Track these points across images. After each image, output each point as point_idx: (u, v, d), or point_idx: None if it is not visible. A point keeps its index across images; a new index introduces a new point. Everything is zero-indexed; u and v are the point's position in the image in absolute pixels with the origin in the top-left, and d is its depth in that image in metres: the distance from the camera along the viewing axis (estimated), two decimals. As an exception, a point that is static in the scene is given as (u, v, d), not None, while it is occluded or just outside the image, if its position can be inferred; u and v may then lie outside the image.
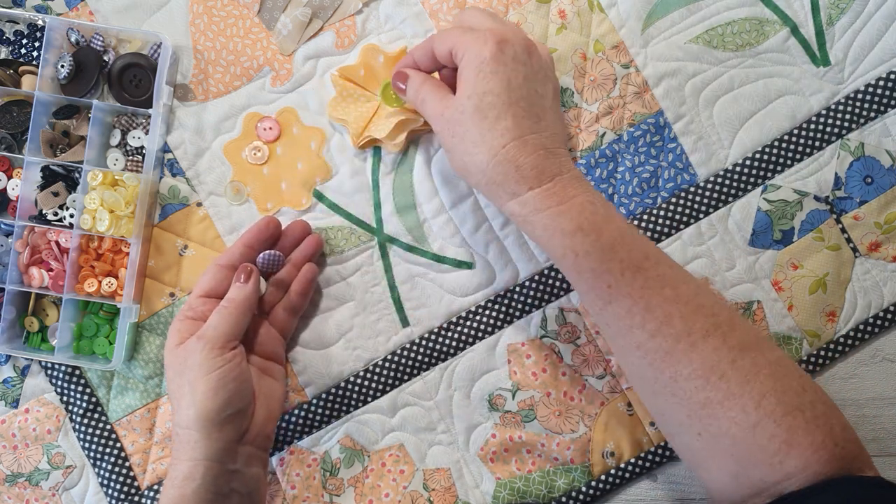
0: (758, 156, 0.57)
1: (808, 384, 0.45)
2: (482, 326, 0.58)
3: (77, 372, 0.59)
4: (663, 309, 0.45)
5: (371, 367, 0.58)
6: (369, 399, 0.58)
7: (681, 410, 0.45)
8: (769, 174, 0.57)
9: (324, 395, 0.58)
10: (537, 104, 0.48)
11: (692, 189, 0.57)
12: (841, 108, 0.57)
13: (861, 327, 0.57)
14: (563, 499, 0.57)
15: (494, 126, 0.46)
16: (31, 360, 0.59)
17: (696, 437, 0.45)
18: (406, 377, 0.58)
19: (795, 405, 0.43)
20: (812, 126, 0.57)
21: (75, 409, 0.59)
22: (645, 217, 0.57)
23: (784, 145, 0.57)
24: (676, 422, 0.46)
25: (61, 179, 0.58)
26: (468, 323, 0.58)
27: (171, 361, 0.51)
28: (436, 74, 0.53)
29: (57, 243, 0.57)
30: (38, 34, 0.59)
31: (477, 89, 0.46)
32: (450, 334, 0.58)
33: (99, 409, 0.59)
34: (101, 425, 0.59)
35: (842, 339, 0.57)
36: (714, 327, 0.45)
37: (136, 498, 0.58)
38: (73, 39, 0.58)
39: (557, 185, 0.46)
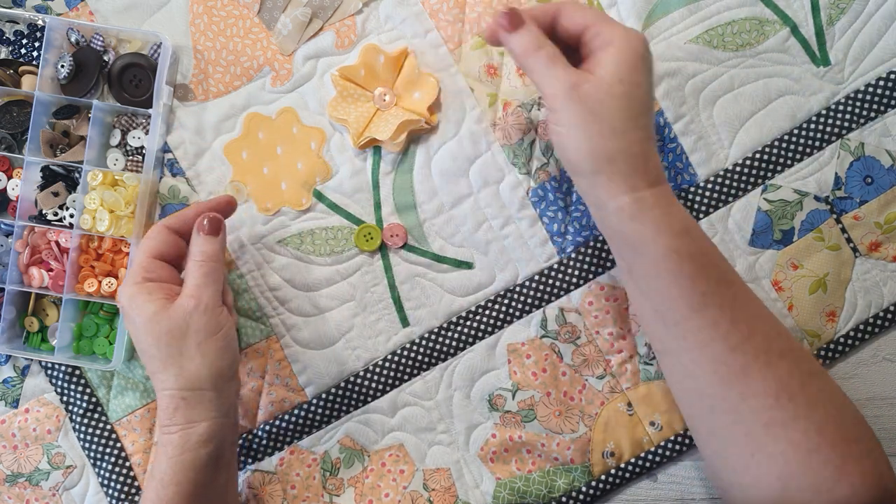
0: (758, 156, 0.57)
1: (859, 416, 0.46)
2: (482, 326, 0.58)
3: (77, 372, 0.59)
4: (748, 324, 0.45)
5: (371, 367, 0.58)
6: (369, 399, 0.58)
7: (738, 429, 0.45)
8: (769, 174, 0.57)
9: (324, 395, 0.58)
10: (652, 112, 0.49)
11: (692, 189, 0.57)
12: (841, 107, 0.57)
13: (861, 327, 0.57)
14: (563, 499, 0.57)
15: (638, 118, 0.46)
16: (31, 360, 0.59)
17: (749, 457, 0.45)
18: (406, 377, 0.58)
19: (853, 435, 0.44)
20: (812, 126, 0.57)
21: (75, 409, 0.59)
22: (645, 217, 0.57)
23: (784, 145, 0.57)
24: (729, 441, 0.46)
25: (61, 179, 0.58)
26: (468, 323, 0.58)
27: (163, 328, 0.48)
28: None
29: (57, 243, 0.57)
30: (38, 34, 0.59)
31: (631, 78, 0.45)
32: (450, 334, 0.58)
33: (99, 409, 0.59)
34: (101, 425, 0.59)
35: (842, 339, 0.57)
36: (788, 349, 0.46)
37: (137, 498, 0.58)
38: (73, 39, 0.58)
39: (667, 188, 0.47)
